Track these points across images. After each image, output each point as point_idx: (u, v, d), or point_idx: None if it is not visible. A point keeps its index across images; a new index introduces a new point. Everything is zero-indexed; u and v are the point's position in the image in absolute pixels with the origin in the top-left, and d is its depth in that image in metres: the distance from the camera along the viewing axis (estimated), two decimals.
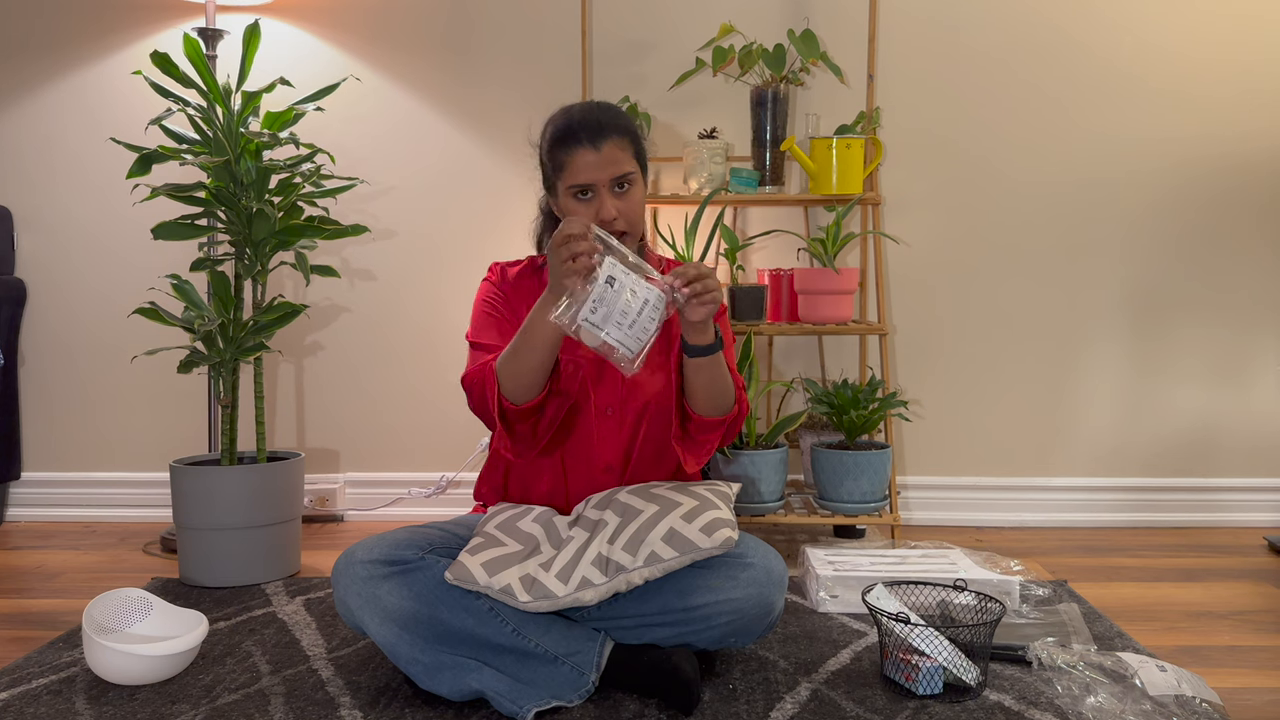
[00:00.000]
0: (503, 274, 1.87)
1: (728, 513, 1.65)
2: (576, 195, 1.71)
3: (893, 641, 1.67)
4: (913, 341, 2.92)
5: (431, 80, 2.92)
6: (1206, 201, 2.86)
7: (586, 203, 1.71)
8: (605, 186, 1.70)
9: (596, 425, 1.79)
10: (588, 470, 1.81)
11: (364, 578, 1.60)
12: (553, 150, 1.73)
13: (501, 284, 1.85)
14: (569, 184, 1.71)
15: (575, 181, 1.70)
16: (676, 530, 1.60)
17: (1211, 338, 2.88)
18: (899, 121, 2.86)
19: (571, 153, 1.70)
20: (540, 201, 1.88)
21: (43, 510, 3.00)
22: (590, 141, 1.69)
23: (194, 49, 2.31)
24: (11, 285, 2.93)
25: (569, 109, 1.77)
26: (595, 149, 1.69)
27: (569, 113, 1.75)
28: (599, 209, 1.69)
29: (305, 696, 1.66)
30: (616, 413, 1.79)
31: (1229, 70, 2.83)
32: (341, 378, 2.99)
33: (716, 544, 1.59)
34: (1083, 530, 2.85)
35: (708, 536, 1.59)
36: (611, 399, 1.79)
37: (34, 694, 1.68)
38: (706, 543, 1.58)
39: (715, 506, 1.65)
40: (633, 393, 1.79)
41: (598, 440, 1.80)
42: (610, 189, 1.71)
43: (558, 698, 1.59)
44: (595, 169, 1.69)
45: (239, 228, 2.34)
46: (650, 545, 1.59)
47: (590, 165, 1.69)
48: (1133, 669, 1.63)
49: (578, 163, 1.69)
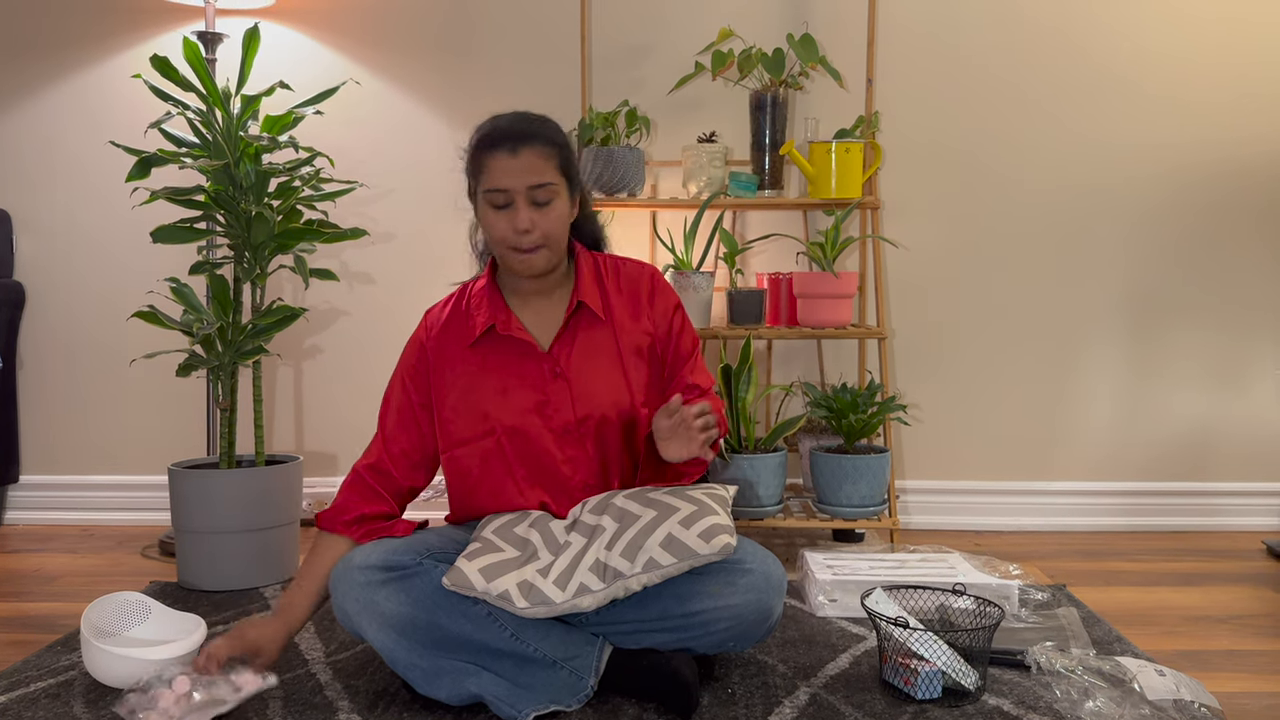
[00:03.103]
0: (427, 330, 1.81)
1: (725, 518, 1.63)
2: (493, 203, 1.68)
3: (891, 646, 1.67)
4: (912, 345, 2.92)
5: (431, 84, 2.92)
6: (1204, 206, 2.86)
7: (502, 212, 1.68)
8: (522, 195, 1.67)
9: (558, 448, 1.74)
10: (565, 493, 1.75)
11: (362, 583, 1.60)
12: (475, 154, 1.70)
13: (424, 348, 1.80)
14: (486, 187, 1.68)
15: (491, 185, 1.67)
16: (675, 536, 1.58)
17: (1209, 342, 2.89)
18: (898, 126, 2.86)
19: (491, 157, 1.67)
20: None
21: (41, 513, 3.00)
22: (509, 148, 1.66)
23: (194, 52, 2.31)
24: (10, 288, 2.93)
25: (498, 116, 1.73)
26: (514, 155, 1.66)
27: (496, 120, 1.72)
28: (514, 218, 1.67)
29: (303, 700, 1.66)
30: (574, 431, 1.73)
31: (1226, 75, 2.83)
32: (340, 381, 2.99)
33: (715, 550, 1.57)
34: (1081, 534, 2.85)
35: (706, 543, 1.57)
36: (564, 419, 1.73)
37: (32, 697, 1.68)
38: (705, 549, 1.57)
39: (713, 512, 1.63)
40: (587, 409, 1.73)
41: (564, 462, 1.74)
42: (528, 199, 1.67)
43: (556, 702, 1.59)
44: (511, 175, 1.65)
45: (238, 231, 2.34)
46: (648, 551, 1.57)
47: (506, 170, 1.66)
48: (1131, 673, 1.63)
49: (494, 167, 1.67)
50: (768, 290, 2.69)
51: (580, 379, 1.74)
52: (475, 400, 1.74)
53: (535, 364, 1.74)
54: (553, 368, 1.74)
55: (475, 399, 1.74)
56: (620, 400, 1.75)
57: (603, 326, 1.78)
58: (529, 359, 1.75)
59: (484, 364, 1.75)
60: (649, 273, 1.85)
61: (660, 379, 1.81)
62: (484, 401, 1.74)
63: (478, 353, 1.76)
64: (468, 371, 1.75)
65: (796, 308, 2.63)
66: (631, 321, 1.79)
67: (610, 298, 1.80)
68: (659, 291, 1.83)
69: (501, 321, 1.74)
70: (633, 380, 1.77)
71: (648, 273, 1.85)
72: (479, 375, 1.75)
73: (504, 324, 1.74)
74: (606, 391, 1.74)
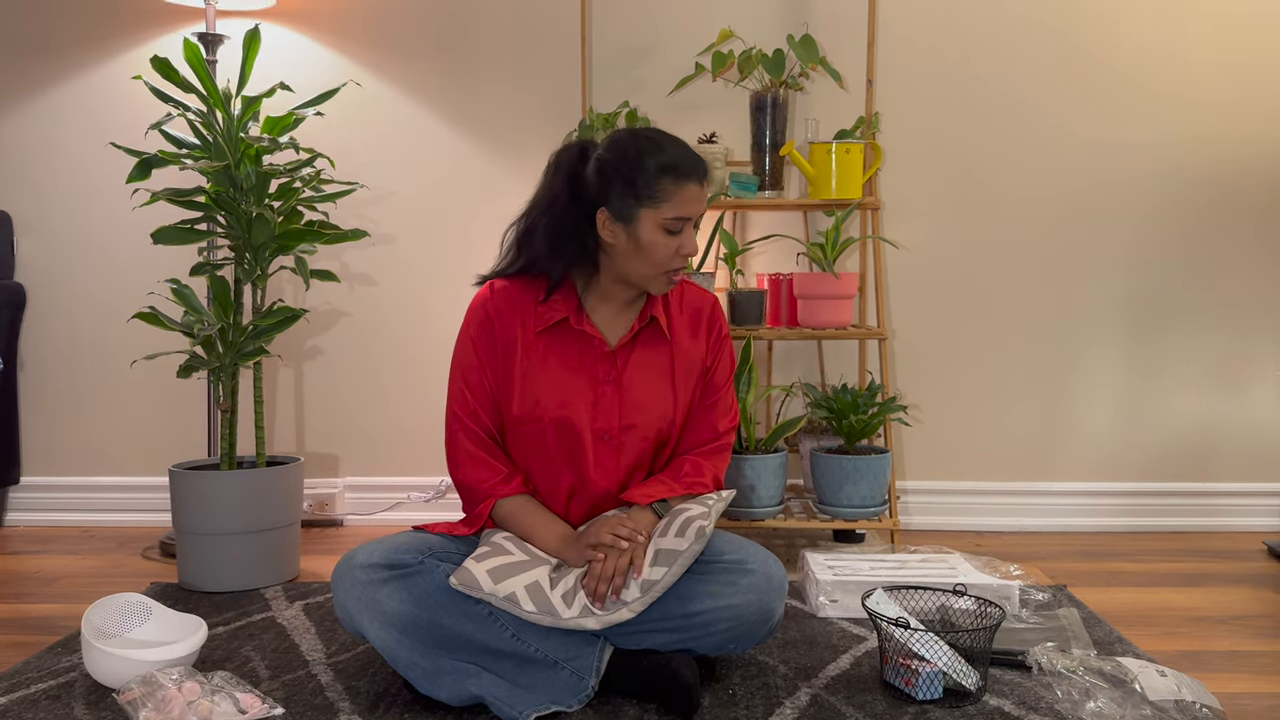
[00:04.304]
0: (495, 305, 1.79)
1: (697, 508, 1.67)
2: (668, 227, 1.70)
3: (892, 646, 1.67)
4: (912, 346, 2.92)
5: (431, 85, 2.92)
6: (1205, 206, 2.86)
7: (674, 236, 1.71)
8: (692, 222, 1.73)
9: (593, 450, 1.76)
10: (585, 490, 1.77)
11: (363, 582, 1.60)
12: (659, 176, 1.68)
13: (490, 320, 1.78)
14: (672, 215, 1.69)
15: (681, 214, 1.69)
16: (661, 548, 1.62)
17: (1210, 343, 2.89)
18: (898, 126, 2.86)
19: (683, 185, 1.69)
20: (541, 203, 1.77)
21: (42, 515, 3.00)
22: (699, 179, 1.71)
23: (194, 54, 2.31)
24: (11, 290, 2.93)
25: (658, 137, 1.72)
26: (701, 185, 1.71)
27: (667, 142, 1.72)
28: (683, 243, 1.71)
29: (304, 701, 1.66)
30: (614, 438, 1.76)
31: (1228, 75, 2.83)
32: (341, 382, 2.99)
33: (691, 539, 1.61)
34: (1082, 535, 2.85)
35: (683, 538, 1.61)
36: (607, 424, 1.76)
37: (33, 699, 1.68)
38: (683, 544, 1.60)
39: (687, 509, 1.68)
40: (633, 419, 1.76)
41: (594, 465, 1.76)
42: (694, 225, 1.74)
43: (557, 702, 1.59)
44: (697, 204, 1.71)
45: (239, 232, 2.34)
46: (643, 573, 1.61)
47: (696, 200, 1.71)
48: (1132, 674, 1.62)
49: (687, 195, 1.69)
50: (768, 291, 2.69)
51: (632, 389, 1.77)
52: (531, 386, 1.76)
53: (595, 364, 1.77)
54: (609, 371, 1.76)
55: (531, 385, 1.76)
56: (664, 416, 1.79)
57: (664, 344, 1.82)
58: (590, 358, 1.77)
59: (547, 353, 1.77)
60: (711, 300, 1.90)
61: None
62: (539, 389, 1.75)
63: (542, 340, 1.77)
64: (529, 356, 1.77)
65: (797, 308, 2.63)
66: (691, 343, 1.84)
67: (674, 318, 1.84)
68: (717, 320, 1.88)
69: (575, 316, 1.76)
70: (680, 401, 1.81)
71: (710, 300, 1.90)
72: (541, 363, 1.77)
73: (577, 319, 1.77)
74: (654, 406, 1.78)
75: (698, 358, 1.84)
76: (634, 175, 1.69)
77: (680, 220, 1.70)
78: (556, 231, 1.74)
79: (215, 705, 1.54)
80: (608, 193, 1.70)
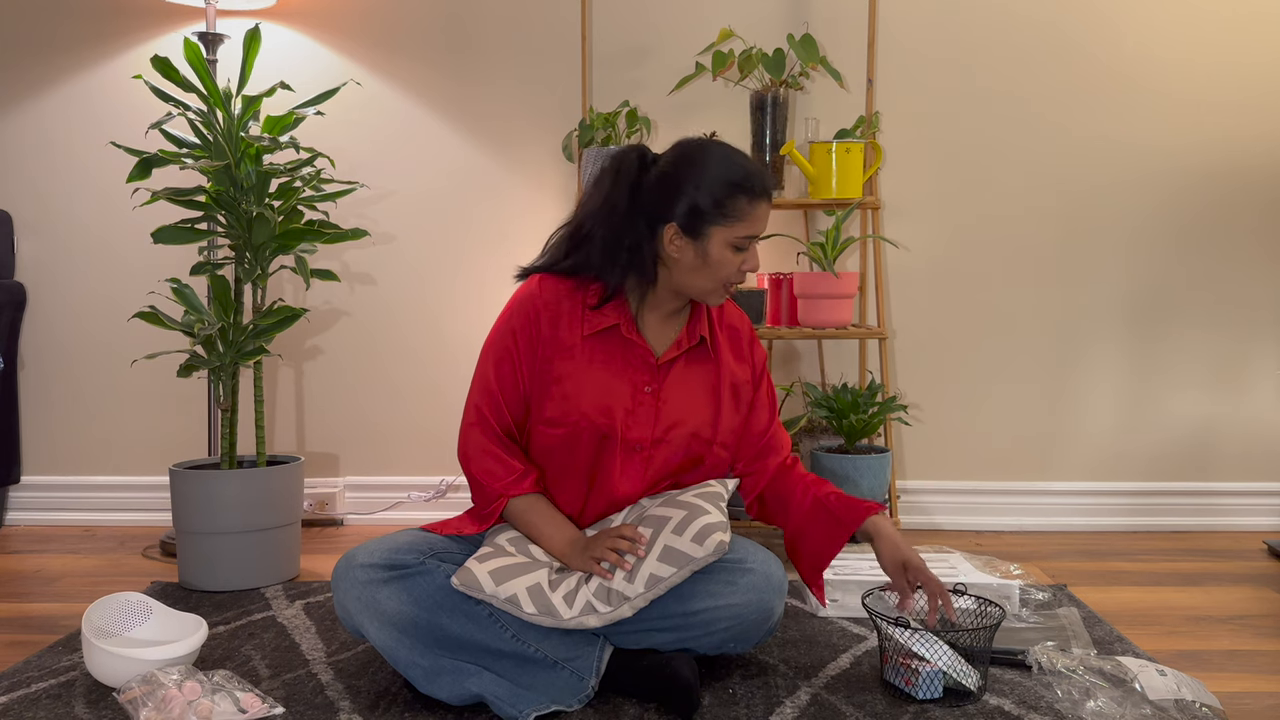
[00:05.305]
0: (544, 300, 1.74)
1: (718, 515, 1.65)
2: (737, 245, 1.69)
3: (892, 646, 1.67)
4: (912, 346, 2.92)
5: (432, 84, 2.92)
6: (1206, 206, 2.86)
7: (740, 253, 1.70)
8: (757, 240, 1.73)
9: (622, 461, 1.75)
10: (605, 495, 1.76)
11: (364, 581, 1.60)
12: (734, 194, 1.66)
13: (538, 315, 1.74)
14: (741, 234, 1.68)
15: (751, 232, 1.69)
16: (670, 546, 1.61)
17: (1211, 342, 2.89)
18: (898, 126, 2.86)
19: (756, 204, 1.68)
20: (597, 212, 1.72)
21: (42, 514, 3.00)
22: (769, 199, 1.71)
23: (194, 53, 2.31)
24: (11, 289, 2.93)
25: (730, 151, 1.71)
26: (769, 204, 1.71)
27: (739, 156, 1.71)
28: (747, 259, 1.71)
29: (305, 700, 1.66)
30: (645, 449, 1.75)
31: (1229, 75, 2.83)
32: (341, 382, 2.99)
33: (709, 551, 1.59)
34: (1082, 534, 2.85)
35: (700, 545, 1.59)
36: (640, 435, 1.74)
37: (33, 698, 1.68)
38: (700, 552, 1.59)
39: (705, 512, 1.64)
40: (667, 433, 1.75)
41: (620, 476, 1.75)
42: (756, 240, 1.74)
43: (557, 702, 1.59)
44: (766, 221, 1.72)
45: (239, 232, 2.34)
46: (648, 568, 1.60)
47: (766, 217, 1.71)
48: (1133, 673, 1.63)
49: (758, 214, 1.69)
50: (768, 290, 2.69)
51: (670, 403, 1.75)
52: (573, 389, 1.72)
53: (637, 373, 1.74)
54: (650, 381, 1.74)
55: (573, 387, 1.72)
56: (700, 434, 1.77)
57: (709, 362, 1.80)
58: (634, 367, 1.74)
59: (591, 357, 1.74)
60: (748, 322, 1.90)
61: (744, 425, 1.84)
62: (581, 393, 1.72)
63: (588, 344, 1.74)
64: (573, 359, 1.73)
65: (797, 308, 2.64)
66: (735, 362, 1.83)
67: (718, 335, 1.83)
68: (756, 342, 1.89)
69: (626, 324, 1.74)
70: (722, 420, 1.79)
71: (748, 322, 1.90)
72: (586, 366, 1.73)
73: (628, 327, 1.75)
74: (692, 421, 1.76)
75: (743, 380, 1.83)
76: (708, 192, 1.66)
77: (750, 239, 1.70)
78: (616, 242, 1.70)
79: (215, 704, 1.54)
80: (675, 207, 1.68)
